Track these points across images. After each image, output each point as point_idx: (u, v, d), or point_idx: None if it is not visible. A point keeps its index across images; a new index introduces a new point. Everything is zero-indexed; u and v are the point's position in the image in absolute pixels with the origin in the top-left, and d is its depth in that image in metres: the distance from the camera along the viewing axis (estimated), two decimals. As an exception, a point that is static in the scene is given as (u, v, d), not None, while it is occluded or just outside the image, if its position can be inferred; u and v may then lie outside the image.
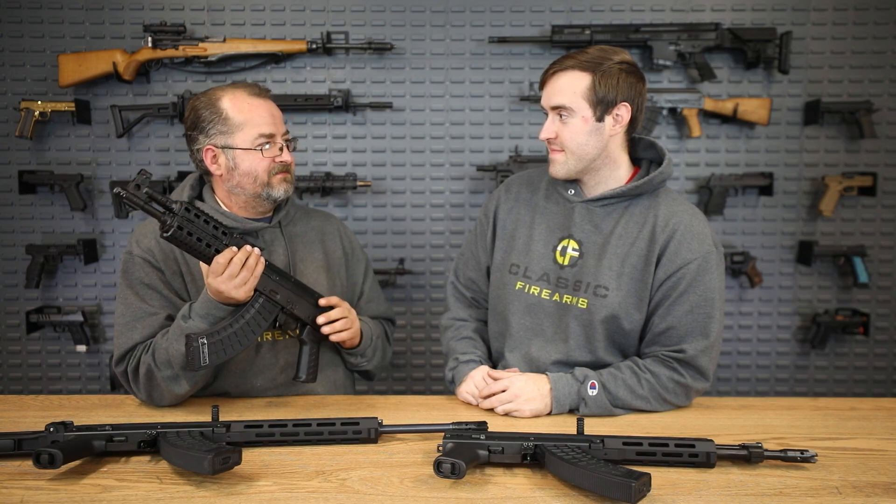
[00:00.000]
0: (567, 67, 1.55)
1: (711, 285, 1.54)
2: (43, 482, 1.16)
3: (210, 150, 1.59)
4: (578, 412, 1.52)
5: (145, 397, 1.54)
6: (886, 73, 2.61)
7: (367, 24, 2.59)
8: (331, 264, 1.76)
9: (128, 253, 1.59)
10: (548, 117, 1.60)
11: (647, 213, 1.59)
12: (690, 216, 1.58)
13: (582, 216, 1.62)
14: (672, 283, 1.54)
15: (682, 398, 1.57)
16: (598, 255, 1.59)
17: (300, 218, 1.77)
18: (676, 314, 1.54)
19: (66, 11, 2.56)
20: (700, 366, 1.54)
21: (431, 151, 2.65)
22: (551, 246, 1.65)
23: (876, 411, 1.56)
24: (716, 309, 1.54)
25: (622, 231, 1.59)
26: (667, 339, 1.57)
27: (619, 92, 1.54)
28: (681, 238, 1.55)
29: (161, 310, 1.56)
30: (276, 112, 1.63)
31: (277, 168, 1.61)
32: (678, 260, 1.54)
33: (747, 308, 2.72)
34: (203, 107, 1.60)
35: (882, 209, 2.67)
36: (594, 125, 1.55)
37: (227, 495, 1.12)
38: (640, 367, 1.56)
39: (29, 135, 2.51)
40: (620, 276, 1.57)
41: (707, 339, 1.54)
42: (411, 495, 1.13)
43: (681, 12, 2.59)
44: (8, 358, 2.69)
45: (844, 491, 1.14)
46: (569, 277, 1.61)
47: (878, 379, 2.74)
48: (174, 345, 1.47)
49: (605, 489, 1.08)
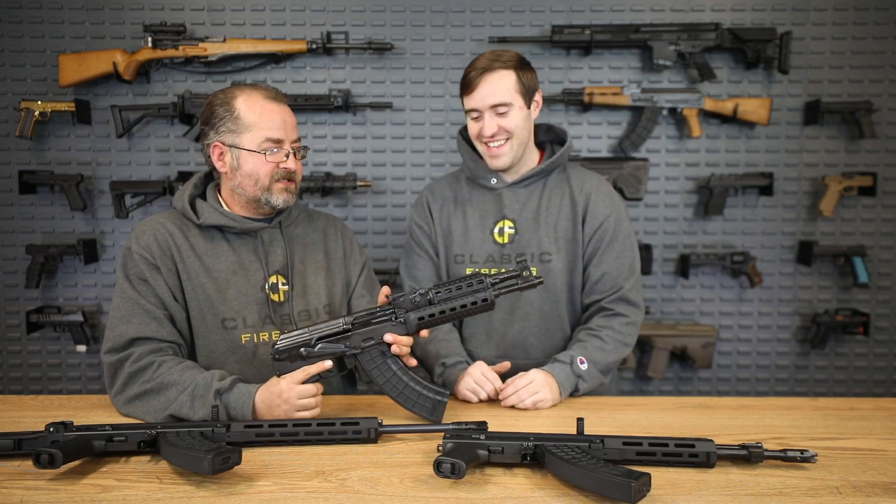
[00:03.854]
0: (492, 69, 1.71)
1: (627, 231, 1.82)
2: (43, 482, 1.16)
3: (217, 146, 1.60)
4: (579, 390, 1.64)
5: (116, 392, 1.51)
6: (886, 73, 2.61)
7: (367, 24, 2.59)
8: (331, 265, 1.76)
9: (127, 249, 1.59)
10: (482, 116, 1.72)
11: (562, 185, 1.84)
12: (597, 180, 1.85)
13: (510, 198, 1.83)
14: (599, 235, 1.79)
15: (634, 335, 1.79)
16: (533, 228, 1.80)
17: (303, 219, 1.76)
18: (608, 261, 1.79)
19: (66, 11, 2.56)
20: (633, 299, 1.78)
21: (431, 151, 2.65)
22: (488, 229, 1.83)
23: (876, 411, 1.56)
24: (635, 250, 1.83)
25: (547, 202, 1.82)
26: (603, 285, 1.78)
27: (534, 82, 1.77)
28: (596, 198, 1.80)
29: (157, 307, 1.55)
30: (289, 118, 1.61)
31: (280, 174, 1.60)
32: (599, 216, 1.79)
33: (747, 308, 2.72)
34: (219, 104, 1.60)
35: (882, 209, 2.67)
36: (526, 112, 1.76)
37: (227, 495, 1.12)
38: (595, 328, 1.75)
39: (29, 135, 2.51)
40: (557, 239, 1.80)
41: (634, 275, 1.80)
42: (411, 495, 1.13)
43: (681, 12, 2.59)
44: (8, 358, 2.69)
45: (844, 491, 1.14)
46: (510, 253, 1.81)
47: (878, 379, 2.74)
48: (185, 404, 1.43)
49: (605, 489, 1.08)
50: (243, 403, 1.41)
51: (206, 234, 1.63)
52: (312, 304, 1.69)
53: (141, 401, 1.47)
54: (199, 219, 1.61)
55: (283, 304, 1.65)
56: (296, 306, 1.66)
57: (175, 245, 1.59)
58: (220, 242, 1.63)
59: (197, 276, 1.59)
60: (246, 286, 1.61)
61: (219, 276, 1.60)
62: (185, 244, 1.60)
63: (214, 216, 1.61)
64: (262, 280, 1.63)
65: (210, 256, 1.61)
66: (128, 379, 1.49)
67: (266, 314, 1.62)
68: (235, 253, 1.63)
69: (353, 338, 1.44)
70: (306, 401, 1.40)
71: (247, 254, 1.64)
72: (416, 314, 1.44)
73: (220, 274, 1.60)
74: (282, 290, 1.65)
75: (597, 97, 2.54)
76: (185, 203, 1.62)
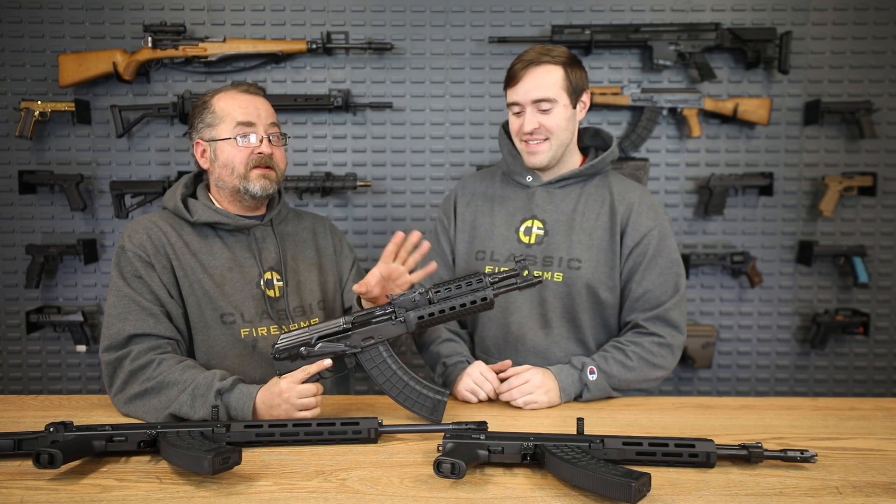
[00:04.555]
0: (539, 62, 1.65)
1: (673, 247, 1.72)
2: (43, 482, 1.16)
3: (199, 143, 1.65)
4: (582, 398, 1.60)
5: (117, 391, 1.51)
6: (886, 73, 2.61)
7: (367, 24, 2.59)
8: (323, 262, 1.79)
9: (120, 248, 1.59)
10: (524, 111, 1.68)
11: (602, 192, 1.75)
12: (641, 191, 1.76)
13: (542, 198, 1.75)
14: (640, 250, 1.69)
15: (669, 358, 1.68)
16: (566, 232, 1.72)
17: (292, 218, 1.79)
18: (651, 278, 1.69)
19: (66, 11, 2.56)
20: (674, 320, 1.68)
21: (431, 151, 2.65)
22: (514, 228, 1.76)
23: (876, 411, 1.56)
24: (681, 267, 1.72)
25: (583, 208, 1.73)
26: (645, 303, 1.69)
27: (583, 82, 1.71)
28: (639, 209, 1.71)
29: (153, 303, 1.55)
30: (262, 105, 1.64)
31: (255, 161, 1.61)
32: (641, 228, 1.70)
33: (747, 308, 2.72)
34: (198, 104, 1.66)
35: (882, 209, 2.67)
36: (571, 112, 1.69)
37: (227, 495, 1.12)
38: (623, 343, 1.68)
39: (29, 135, 2.51)
40: (590, 248, 1.71)
41: (677, 294, 1.70)
42: (411, 495, 1.13)
43: (681, 12, 2.59)
44: (8, 358, 2.69)
45: (844, 491, 1.14)
46: (536, 254, 1.73)
47: (878, 379, 2.74)
48: (185, 403, 1.43)
49: (605, 489, 1.08)
50: (244, 404, 1.42)
51: (199, 231, 1.64)
52: (307, 300, 1.71)
53: (141, 400, 1.47)
54: (192, 217, 1.62)
55: (278, 300, 1.66)
56: (291, 302, 1.68)
57: (169, 242, 1.59)
58: (213, 240, 1.64)
59: (193, 272, 1.59)
60: (242, 282, 1.63)
61: (215, 273, 1.61)
62: (179, 242, 1.60)
63: (208, 213, 1.62)
64: (257, 276, 1.64)
65: (205, 253, 1.62)
66: (128, 377, 1.49)
67: (263, 309, 1.63)
68: (230, 250, 1.64)
69: (352, 337, 1.45)
70: (306, 400, 1.40)
71: (241, 250, 1.65)
72: (416, 313, 1.44)
73: (216, 270, 1.61)
74: (277, 286, 1.67)
75: (597, 97, 2.54)
76: (177, 201, 1.63)
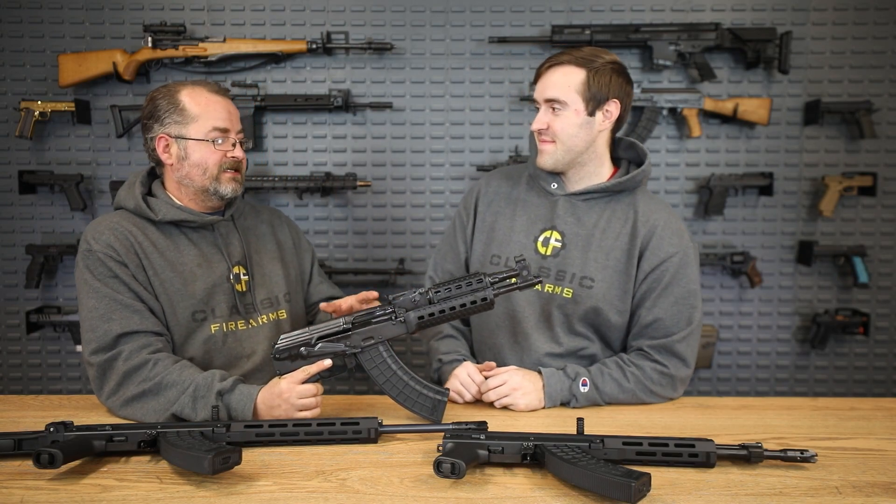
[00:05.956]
0: (562, 62, 1.61)
1: (692, 277, 1.63)
2: (43, 482, 1.16)
3: (163, 138, 1.61)
4: (570, 406, 1.58)
5: (110, 393, 1.49)
6: (886, 73, 2.61)
7: (367, 24, 2.59)
8: (283, 254, 1.80)
9: (86, 251, 1.55)
10: (540, 109, 1.65)
11: (627, 210, 1.66)
12: (668, 213, 1.67)
13: (565, 209, 1.68)
14: (656, 276, 1.62)
15: (668, 389, 1.62)
16: (584, 248, 1.65)
17: (249, 212, 1.80)
18: (663, 306, 1.62)
19: (66, 11, 2.56)
20: (680, 352, 1.61)
21: (431, 151, 2.65)
22: (532, 236, 1.70)
23: (876, 411, 1.56)
24: (697, 299, 1.64)
25: (605, 225, 1.66)
26: (654, 331, 1.63)
27: (610, 89, 1.61)
28: (661, 233, 1.63)
29: (134, 300, 1.53)
30: (233, 110, 1.65)
31: (228, 164, 1.62)
32: (661, 254, 1.62)
33: (747, 308, 2.72)
34: (161, 97, 1.62)
35: (882, 209, 2.67)
36: (585, 119, 1.61)
37: (227, 495, 1.12)
38: (625, 362, 1.63)
39: (29, 135, 2.51)
40: (605, 268, 1.64)
41: (689, 327, 1.62)
42: (411, 495, 1.13)
43: (681, 12, 2.59)
44: (8, 358, 2.69)
45: (844, 491, 1.14)
46: (551, 267, 1.67)
47: (878, 379, 2.74)
48: (186, 405, 1.43)
49: (605, 489, 1.08)
50: (245, 405, 1.42)
51: (163, 230, 1.62)
52: (273, 292, 1.73)
53: (139, 402, 1.47)
54: (157, 216, 1.60)
55: (245, 294, 1.67)
56: (258, 295, 1.69)
57: (136, 242, 1.57)
58: (179, 238, 1.63)
59: (163, 271, 1.58)
60: (212, 278, 1.63)
61: (184, 270, 1.61)
62: (145, 241, 1.58)
63: (172, 212, 1.61)
64: (226, 271, 1.65)
65: (172, 251, 1.61)
66: (122, 378, 1.48)
67: (232, 304, 1.65)
68: (196, 247, 1.64)
69: (352, 337, 1.45)
70: (306, 400, 1.40)
71: (207, 247, 1.65)
72: (416, 313, 1.44)
73: (185, 268, 1.61)
74: (244, 280, 1.68)
75: (597, 97, 2.54)
76: (139, 200, 1.61)
